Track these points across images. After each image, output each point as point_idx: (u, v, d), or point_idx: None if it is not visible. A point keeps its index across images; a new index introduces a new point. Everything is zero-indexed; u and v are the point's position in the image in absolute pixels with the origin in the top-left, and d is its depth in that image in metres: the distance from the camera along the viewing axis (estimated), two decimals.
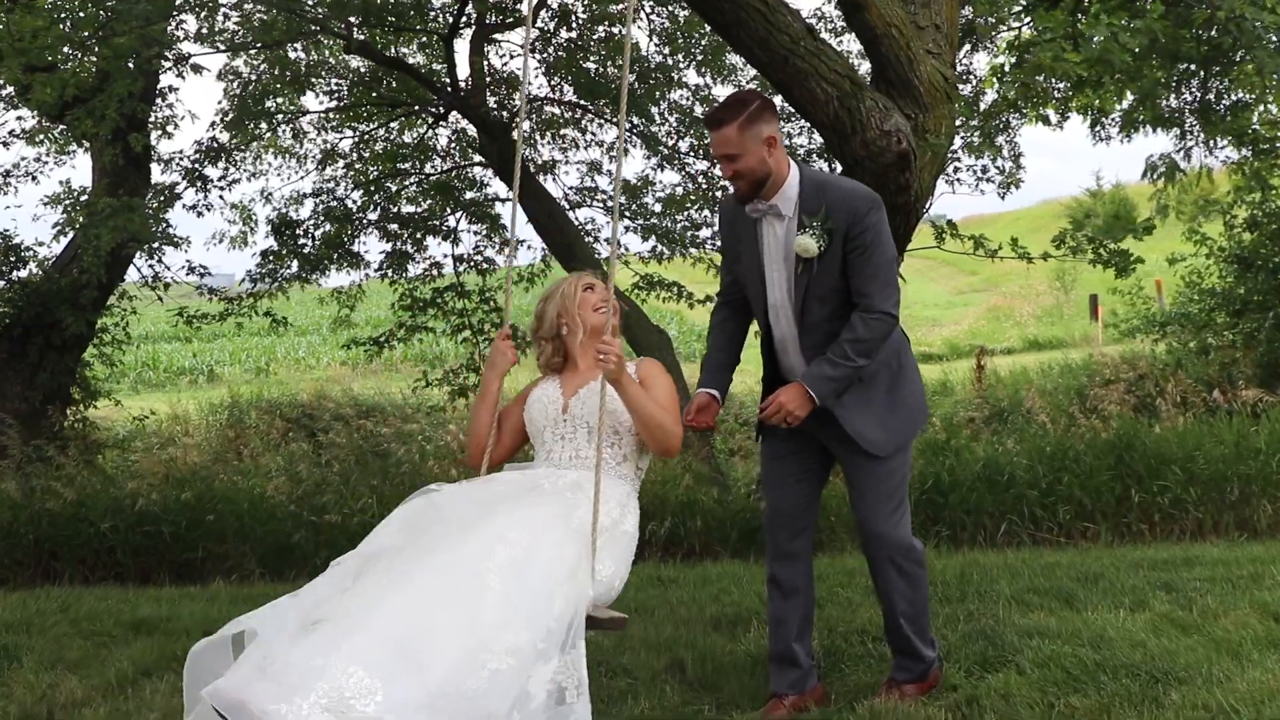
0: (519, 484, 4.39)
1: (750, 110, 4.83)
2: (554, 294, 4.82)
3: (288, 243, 13.30)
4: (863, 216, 4.81)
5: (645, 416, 4.46)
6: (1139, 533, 8.99)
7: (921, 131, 9.41)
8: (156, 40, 12.14)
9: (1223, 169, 15.88)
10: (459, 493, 4.35)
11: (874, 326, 4.82)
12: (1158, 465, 9.04)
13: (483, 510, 4.10)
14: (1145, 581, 6.84)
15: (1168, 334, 17.76)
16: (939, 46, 10.03)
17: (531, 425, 4.70)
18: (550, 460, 4.58)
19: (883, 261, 4.86)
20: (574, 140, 14.70)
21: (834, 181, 5.04)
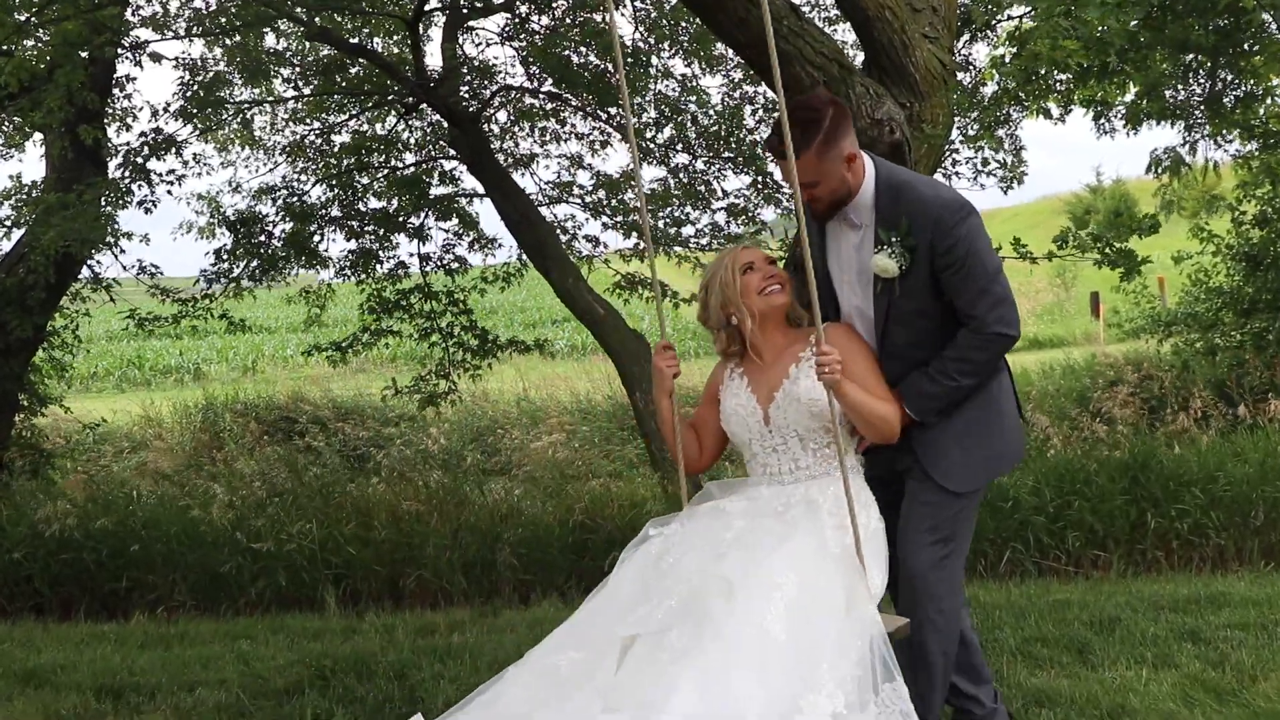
0: (752, 514, 4.04)
1: (826, 129, 4.11)
2: (712, 281, 4.31)
3: (243, 240, 12.49)
4: (950, 229, 4.10)
5: (865, 415, 4.10)
6: (1154, 561, 8.17)
7: (917, 121, 8.72)
8: (107, 26, 11.39)
9: (1229, 163, 15.48)
10: (689, 541, 3.96)
11: (986, 346, 4.17)
12: (1176, 487, 8.20)
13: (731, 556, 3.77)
14: (1168, 629, 6.04)
15: (1173, 334, 17.27)
16: (936, 31, 9.30)
17: (735, 437, 4.33)
18: (769, 475, 4.23)
19: (985, 276, 4.14)
20: (554, 133, 13.96)
21: (915, 186, 4.24)
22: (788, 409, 4.14)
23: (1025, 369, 20.80)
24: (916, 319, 4.24)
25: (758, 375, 4.25)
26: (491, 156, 12.42)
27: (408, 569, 8.31)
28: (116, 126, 13.06)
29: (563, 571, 8.25)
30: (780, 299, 4.24)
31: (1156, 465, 8.33)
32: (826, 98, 4.33)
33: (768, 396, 4.19)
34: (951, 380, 4.17)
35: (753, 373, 4.27)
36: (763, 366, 4.24)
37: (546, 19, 13.18)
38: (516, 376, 21.80)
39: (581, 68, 12.76)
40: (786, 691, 3.42)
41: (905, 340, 4.27)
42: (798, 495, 4.09)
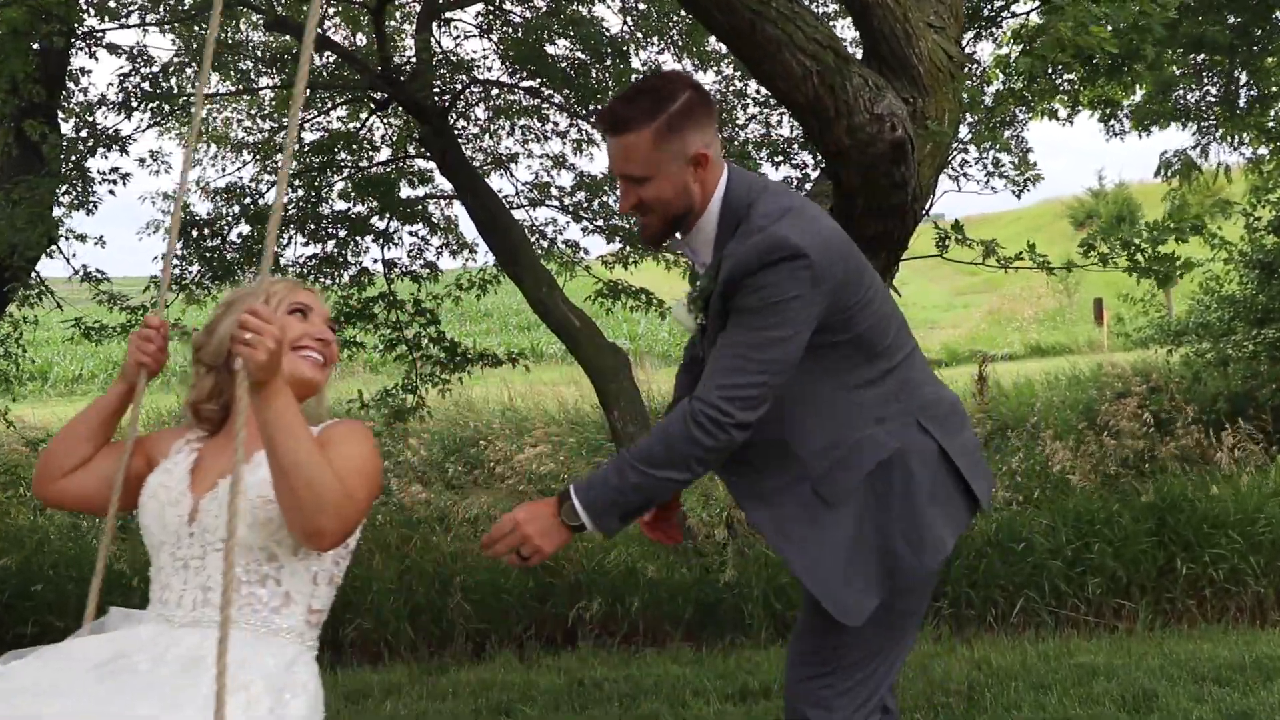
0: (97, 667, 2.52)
1: (673, 110, 3.04)
2: (238, 301, 2.88)
3: (195, 245, 11.68)
4: (750, 273, 2.98)
5: (283, 450, 2.53)
6: (1185, 611, 7.31)
7: (921, 118, 7.98)
8: (55, 14, 10.62)
9: (1240, 167, 14.97)
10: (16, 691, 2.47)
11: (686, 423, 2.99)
12: (1210, 530, 7.33)
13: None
14: (1215, 709, 5.18)
15: (1184, 344, 16.70)
16: (942, 19, 8.52)
17: (146, 535, 2.84)
18: (163, 604, 2.72)
19: (756, 333, 2.97)
20: (537, 133, 13.23)
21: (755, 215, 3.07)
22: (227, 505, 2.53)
23: (1029, 378, 20.15)
24: None
25: (213, 456, 2.84)
26: (463, 156, 11.64)
27: (348, 616, 7.41)
28: (73, 122, 12.36)
29: (521, 621, 7.39)
30: (314, 374, 2.91)
31: (1187, 505, 7.45)
32: (690, 79, 3.25)
33: (209, 484, 2.77)
34: (645, 469, 2.99)
35: (209, 453, 2.86)
36: (227, 447, 2.74)
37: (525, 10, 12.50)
38: (502, 385, 21.14)
39: (562, 61, 12.04)
40: None
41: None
42: (184, 645, 2.59)
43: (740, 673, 6.28)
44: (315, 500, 2.53)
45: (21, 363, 13.24)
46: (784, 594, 7.26)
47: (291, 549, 2.69)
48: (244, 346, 2.43)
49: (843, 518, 3.10)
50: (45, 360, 26.30)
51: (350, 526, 2.62)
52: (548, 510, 3.02)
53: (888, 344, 3.16)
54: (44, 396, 28.51)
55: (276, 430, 2.52)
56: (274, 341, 2.44)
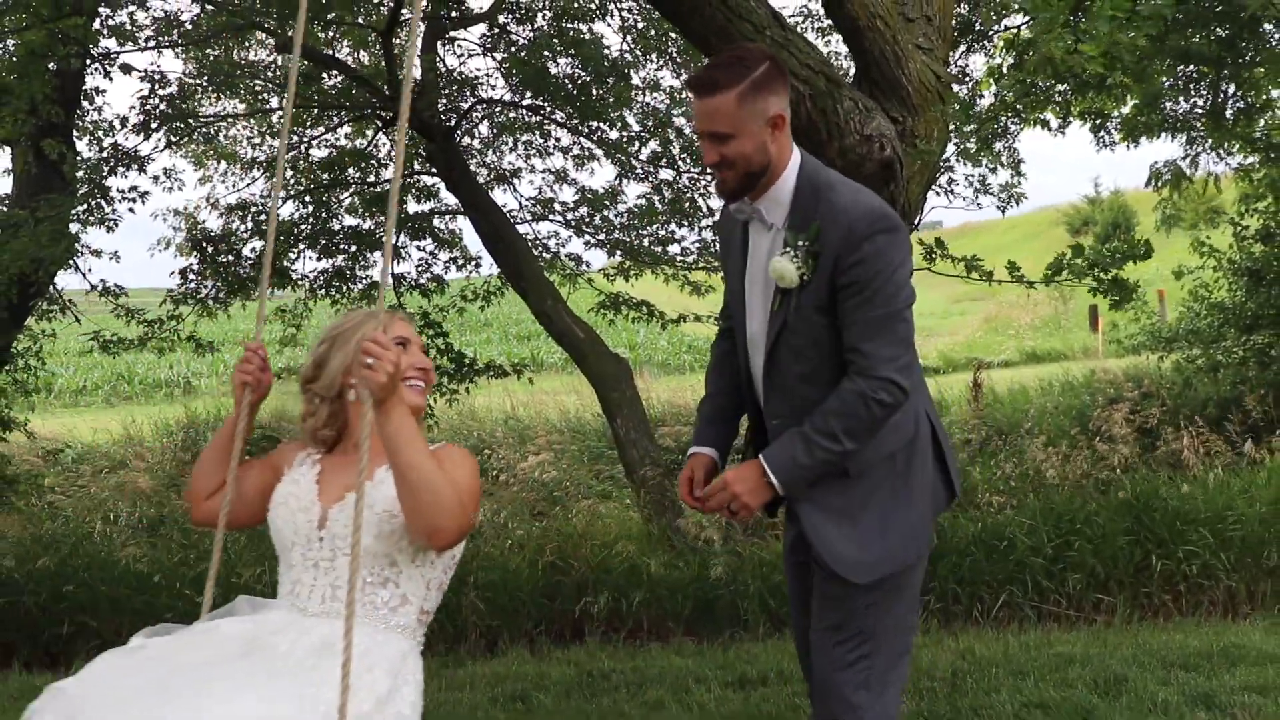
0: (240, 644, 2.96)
1: (756, 75, 3.42)
2: (343, 334, 3.27)
3: (210, 260, 12.05)
4: (859, 241, 3.36)
5: (408, 465, 2.92)
6: (1161, 605, 7.67)
7: (910, 137, 8.31)
8: (73, 37, 10.98)
9: (1229, 176, 15.21)
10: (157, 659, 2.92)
11: (869, 403, 3.37)
12: (1183, 527, 7.70)
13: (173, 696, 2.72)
14: (1180, 692, 5.55)
15: (1175, 350, 16.94)
16: (931, 41, 8.90)
17: (276, 536, 3.23)
18: (295, 596, 3.10)
19: (887, 309, 3.38)
20: (538, 148, 13.57)
21: (835, 186, 3.49)
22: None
23: (1024, 385, 20.40)
24: (810, 348, 3.52)
25: (336, 471, 3.24)
26: (468, 172, 12.00)
27: None
28: (87, 140, 12.70)
29: (531, 617, 7.77)
30: (419, 400, 3.26)
31: (1160, 504, 7.82)
32: (765, 50, 3.65)
33: (337, 495, 3.17)
34: (833, 443, 3.41)
35: (333, 466, 3.27)
36: (348, 464, 3.19)
37: (528, 29, 12.84)
38: (504, 394, 21.42)
39: (564, 79, 12.38)
40: None
41: (794, 372, 3.56)
42: (316, 634, 2.98)
43: (739, 663, 6.66)
44: (434, 502, 2.92)
45: (42, 375, 13.60)
46: (778, 591, 7.63)
47: (410, 557, 3.10)
48: (368, 371, 2.82)
49: (859, 488, 3.50)
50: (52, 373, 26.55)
51: (464, 530, 3.00)
52: (753, 474, 3.45)
53: (913, 337, 3.57)
54: (49, 407, 28.69)
55: (399, 441, 2.91)
56: (392, 365, 2.83)
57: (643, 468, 9.67)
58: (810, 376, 3.51)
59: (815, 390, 3.49)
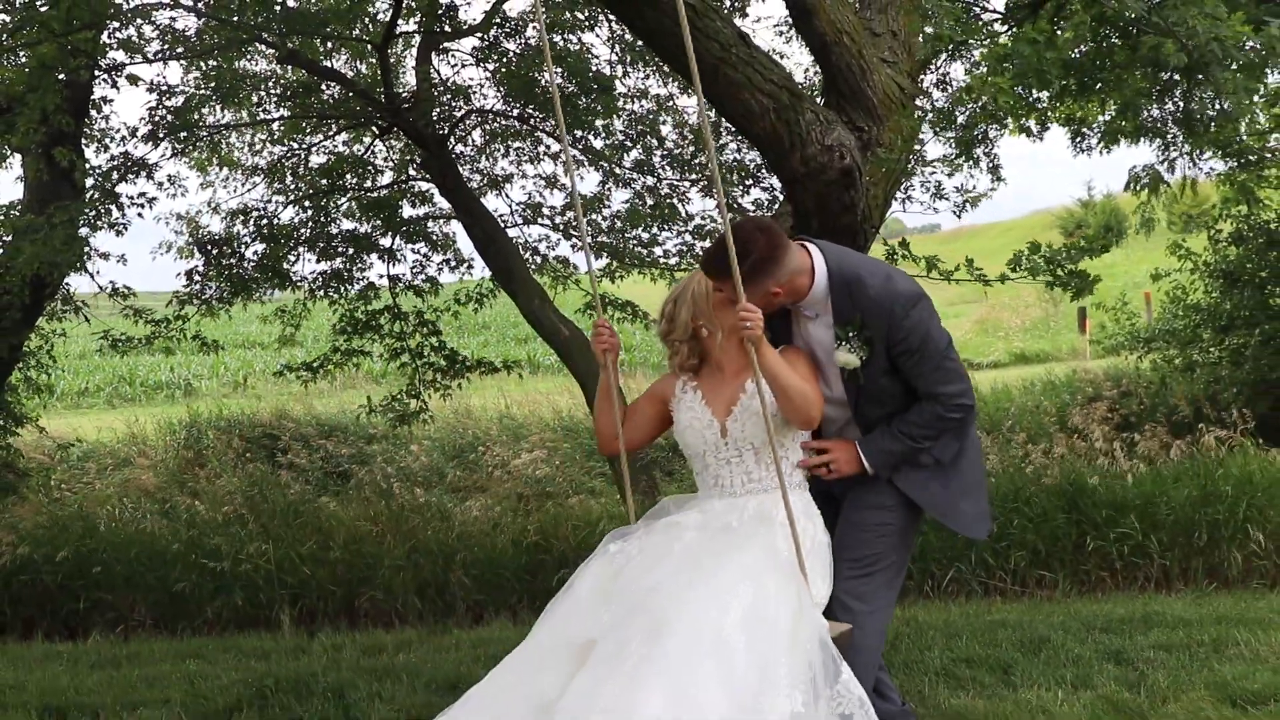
0: (707, 527, 4.19)
1: (749, 263, 4.32)
2: (683, 294, 4.49)
3: (215, 263, 12.60)
4: (901, 320, 4.42)
5: (784, 384, 4.22)
6: (1100, 581, 8.25)
7: (875, 145, 8.78)
8: (82, 50, 11.50)
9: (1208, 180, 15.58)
10: (648, 553, 4.10)
11: (939, 414, 4.51)
12: (1114, 511, 8.29)
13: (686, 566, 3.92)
14: (1094, 649, 6.14)
15: (1153, 350, 17.32)
16: (896, 55, 9.38)
17: (688, 449, 4.48)
18: (721, 488, 4.37)
19: (936, 358, 4.49)
20: (530, 155, 14.06)
21: (865, 281, 4.48)
22: (745, 421, 4.31)
23: (1007, 385, 20.87)
24: (888, 397, 4.53)
25: (714, 389, 4.42)
26: (460, 179, 12.52)
27: (362, 589, 8.42)
28: (95, 148, 13.17)
29: (515, 592, 8.34)
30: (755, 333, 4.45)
31: (1091, 491, 8.42)
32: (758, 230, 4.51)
33: (725, 410, 4.36)
34: (911, 440, 4.49)
35: (709, 387, 4.44)
36: (721, 381, 4.41)
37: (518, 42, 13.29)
38: (498, 393, 21.88)
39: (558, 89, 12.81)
40: (748, 693, 3.60)
41: (879, 414, 4.56)
42: (750, 508, 4.25)
43: None
44: (805, 403, 4.25)
45: (53, 373, 14.13)
46: None
47: (790, 437, 4.39)
48: (745, 327, 4.12)
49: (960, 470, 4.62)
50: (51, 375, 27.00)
51: (820, 412, 4.33)
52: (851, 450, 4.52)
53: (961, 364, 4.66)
54: (52, 409, 29.08)
55: (776, 367, 4.22)
56: (760, 320, 4.15)
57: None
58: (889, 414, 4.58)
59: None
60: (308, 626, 8.30)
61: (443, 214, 13.59)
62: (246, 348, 38.39)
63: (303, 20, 11.28)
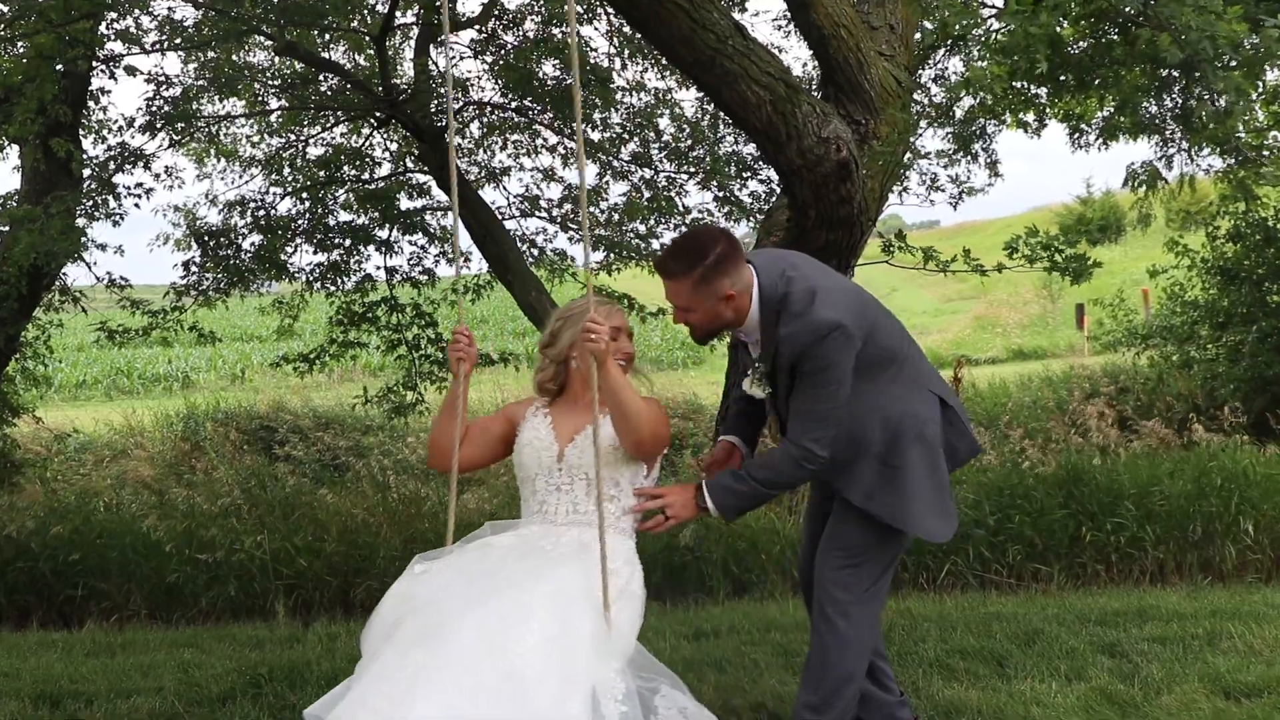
0: (517, 550, 4.05)
1: (707, 264, 4.27)
2: (572, 316, 4.36)
3: (212, 254, 12.59)
4: (808, 347, 4.27)
5: (622, 400, 4.09)
6: (1095, 574, 8.25)
7: (871, 138, 8.77)
8: (80, 40, 11.48)
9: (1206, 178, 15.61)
10: (454, 568, 3.95)
11: (793, 464, 4.34)
12: (1111, 502, 8.28)
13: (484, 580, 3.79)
14: (1088, 642, 6.14)
15: (1150, 346, 17.46)
16: (893, 48, 9.42)
17: (521, 470, 4.32)
18: (545, 514, 4.21)
19: (820, 394, 4.29)
20: (528, 147, 14.06)
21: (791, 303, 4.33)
22: (585, 449, 4.16)
23: (1004, 380, 20.91)
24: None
25: (564, 416, 4.30)
26: (457, 171, 12.49)
27: (358, 580, 8.42)
28: (93, 139, 13.16)
29: None
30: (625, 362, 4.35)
31: (1090, 479, 8.41)
32: (720, 232, 4.47)
33: (568, 436, 4.23)
34: (756, 484, 4.35)
35: (560, 415, 4.32)
36: (574, 412, 4.29)
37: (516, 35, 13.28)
38: (495, 386, 21.92)
39: (548, 82, 12.82)
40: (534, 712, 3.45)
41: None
42: (569, 537, 4.10)
43: (697, 620, 7.22)
44: (639, 421, 4.10)
45: (50, 365, 14.12)
46: (741, 559, 8.25)
47: (629, 480, 4.24)
48: (589, 340, 4.00)
49: (908, 476, 4.41)
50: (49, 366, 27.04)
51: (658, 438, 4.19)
52: (688, 494, 4.38)
53: (895, 345, 4.48)
54: (50, 401, 29.12)
55: (618, 385, 4.07)
56: (605, 335, 4.02)
57: None
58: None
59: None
60: (303, 617, 8.29)
61: (440, 206, 13.62)
62: (244, 341, 38.47)
63: (300, 12, 11.26)
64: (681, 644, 6.57)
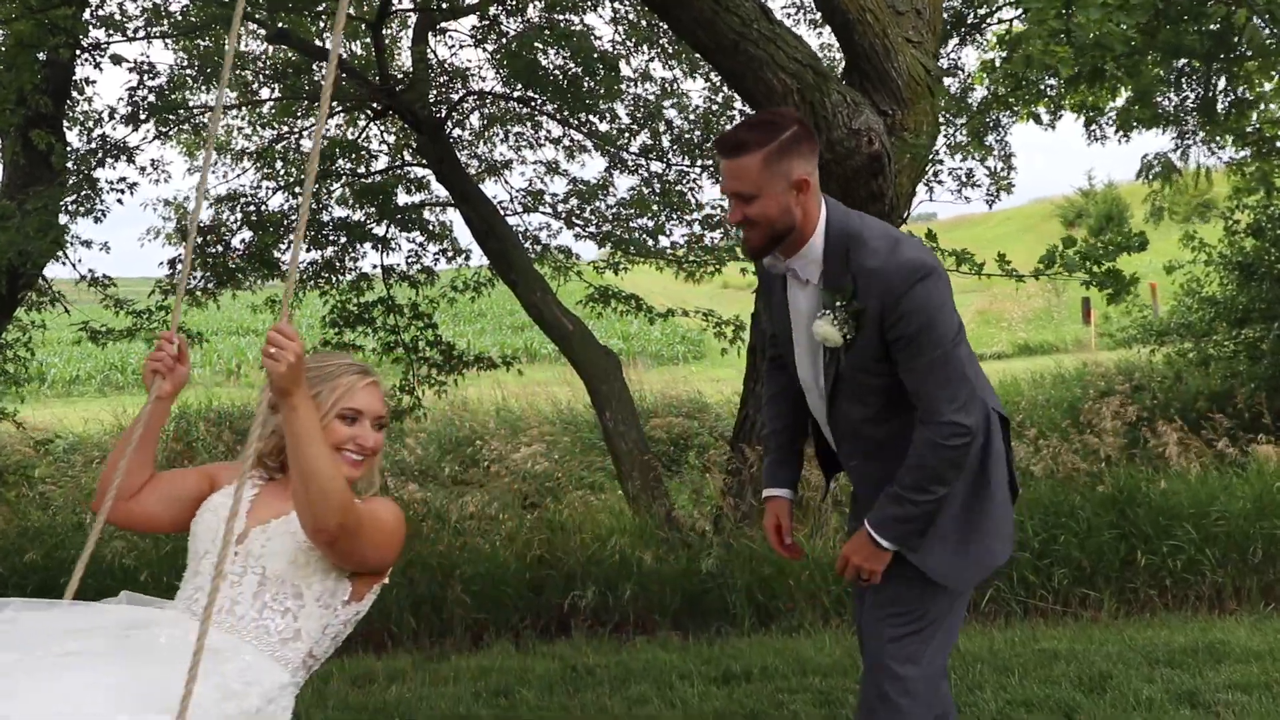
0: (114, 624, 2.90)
1: (783, 138, 3.46)
2: (326, 372, 3.17)
3: (199, 251, 12.00)
4: (900, 296, 3.42)
5: (305, 456, 2.87)
6: (1148, 600, 7.65)
7: (899, 130, 8.27)
8: (62, 28, 10.93)
9: (1221, 169, 15.23)
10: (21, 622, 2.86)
11: (940, 449, 3.47)
12: (1167, 522, 7.68)
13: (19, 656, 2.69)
14: (1164, 689, 5.56)
15: (1166, 343, 17.13)
16: (920, 35, 8.90)
17: (193, 541, 3.15)
18: (194, 603, 3.00)
19: (939, 352, 3.45)
20: (529, 140, 13.53)
21: (866, 240, 3.51)
22: (276, 539, 3.04)
23: (1015, 377, 20.42)
24: (871, 395, 3.60)
25: (275, 497, 3.16)
26: (458, 164, 11.96)
27: None
28: (77, 130, 12.64)
29: (518, 611, 7.74)
30: (351, 472, 3.14)
31: (1144, 499, 7.81)
32: (795, 114, 3.72)
33: (264, 518, 3.09)
34: (923, 494, 3.50)
35: (271, 493, 3.18)
36: (286, 495, 3.11)
37: (518, 21, 12.78)
38: (496, 385, 21.38)
39: (555, 71, 12.32)
40: None
41: (859, 416, 3.65)
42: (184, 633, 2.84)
43: (724, 658, 6.65)
44: (324, 499, 2.87)
45: (31, 366, 13.58)
46: (766, 586, 7.62)
47: (315, 596, 3.04)
48: (269, 359, 2.80)
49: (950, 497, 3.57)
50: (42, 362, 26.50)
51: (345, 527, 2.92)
52: (865, 542, 3.57)
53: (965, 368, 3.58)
54: (42, 398, 28.61)
55: (299, 435, 2.86)
56: (294, 356, 2.81)
57: (633, 460, 9.70)
58: (874, 419, 3.62)
59: (881, 430, 3.63)
60: None
61: (439, 201, 13.08)
62: (240, 335, 37.91)
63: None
64: (711, 690, 5.98)
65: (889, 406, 3.58)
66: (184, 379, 3.23)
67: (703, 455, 15.66)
